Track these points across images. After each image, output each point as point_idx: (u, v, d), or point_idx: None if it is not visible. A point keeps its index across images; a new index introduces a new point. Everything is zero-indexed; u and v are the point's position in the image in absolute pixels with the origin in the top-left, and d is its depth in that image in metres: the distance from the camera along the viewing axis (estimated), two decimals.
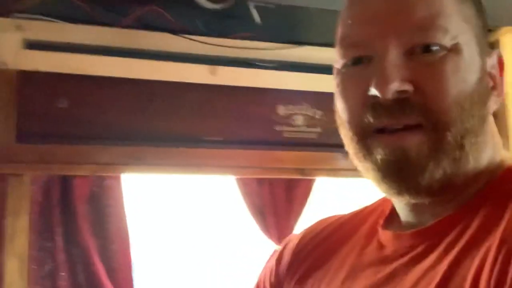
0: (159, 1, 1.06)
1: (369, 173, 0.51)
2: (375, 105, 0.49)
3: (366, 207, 0.64)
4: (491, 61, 0.53)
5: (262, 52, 1.14)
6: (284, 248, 0.74)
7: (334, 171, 1.13)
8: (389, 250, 0.57)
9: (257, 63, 1.15)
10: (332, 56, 0.80)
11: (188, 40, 1.08)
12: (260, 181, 1.25)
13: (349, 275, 0.61)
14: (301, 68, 1.17)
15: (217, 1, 1.08)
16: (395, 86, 0.47)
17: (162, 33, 1.07)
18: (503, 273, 0.41)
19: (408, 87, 0.48)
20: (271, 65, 1.16)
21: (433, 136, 0.48)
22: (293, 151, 1.13)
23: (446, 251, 0.49)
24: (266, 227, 1.27)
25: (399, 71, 0.48)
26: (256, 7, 1.10)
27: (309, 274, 0.68)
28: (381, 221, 0.60)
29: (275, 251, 0.81)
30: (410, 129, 0.48)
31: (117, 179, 1.14)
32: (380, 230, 0.59)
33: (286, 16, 1.16)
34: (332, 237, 0.67)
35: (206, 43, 1.09)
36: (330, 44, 1.28)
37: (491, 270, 0.42)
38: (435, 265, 0.50)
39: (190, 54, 1.08)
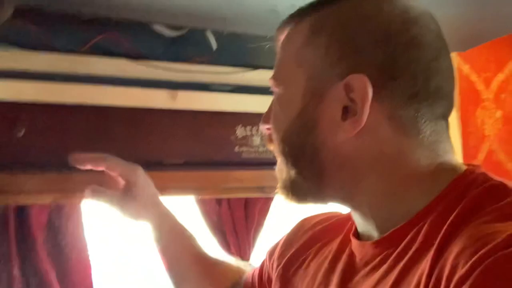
0: (117, 28, 1.07)
1: None
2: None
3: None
4: (351, 86, 0.54)
5: (219, 76, 1.18)
6: (277, 244, 0.82)
7: None
8: (357, 258, 0.62)
9: (214, 87, 1.19)
10: None
11: (146, 65, 1.10)
12: (219, 200, 1.28)
13: (323, 279, 0.66)
14: (256, 90, 1.22)
15: (174, 28, 1.11)
16: (261, 127, 0.68)
17: (120, 59, 1.08)
18: None
19: (266, 125, 0.66)
20: (228, 88, 1.20)
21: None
22: (252, 170, 1.17)
23: (396, 262, 0.54)
24: (226, 245, 1.29)
25: (266, 113, 0.67)
26: (213, 34, 1.14)
27: (293, 266, 0.75)
28: (353, 228, 0.65)
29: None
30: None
31: (76, 206, 1.13)
32: (351, 237, 0.64)
33: (240, 41, 1.21)
34: (320, 236, 0.74)
35: (165, 68, 1.11)
36: None
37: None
38: (385, 276, 0.55)
39: (149, 79, 1.10)
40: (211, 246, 1.20)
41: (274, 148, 0.65)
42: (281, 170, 0.63)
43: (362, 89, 0.53)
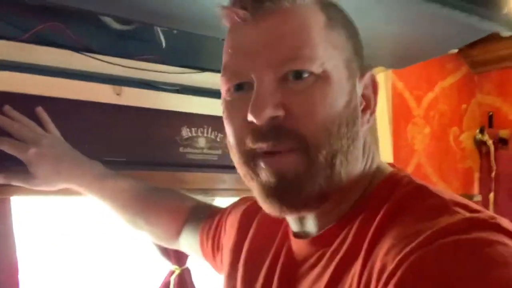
0: (62, 18, 1.02)
1: (256, 193, 0.58)
2: (253, 130, 0.54)
3: None
4: (364, 82, 0.59)
5: (167, 75, 1.16)
6: (234, 208, 0.85)
7: (234, 191, 1.19)
8: (295, 255, 0.64)
9: (161, 86, 1.17)
10: None
11: (92, 58, 1.06)
12: None
13: (266, 275, 0.66)
14: (203, 93, 1.21)
15: (124, 22, 1.08)
16: (268, 112, 0.52)
17: (64, 50, 1.03)
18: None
19: (280, 112, 0.53)
20: (174, 88, 1.19)
21: (305, 158, 0.54)
22: (196, 172, 1.16)
23: (330, 260, 0.56)
24: (164, 249, 1.27)
25: (272, 97, 0.53)
26: (163, 31, 1.12)
27: (239, 249, 0.75)
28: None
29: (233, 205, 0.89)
30: (285, 152, 0.54)
31: (6, 202, 1.06)
32: (290, 234, 0.65)
33: (190, 42, 1.20)
34: (263, 222, 0.74)
35: (110, 62, 1.08)
36: None
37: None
38: (321, 274, 0.57)
39: (95, 73, 1.06)
40: (149, 248, 1.17)
41: (285, 143, 0.54)
42: (297, 166, 0.54)
43: (375, 86, 0.59)
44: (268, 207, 0.57)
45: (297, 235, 0.64)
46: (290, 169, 0.54)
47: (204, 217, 0.93)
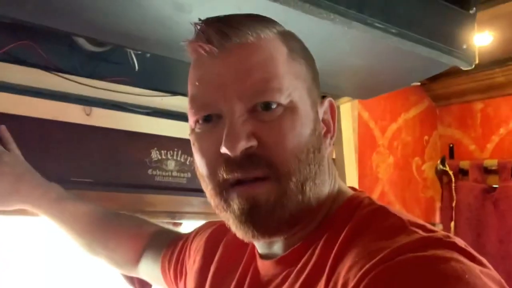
0: (34, 37, 1.02)
1: (229, 222, 0.59)
2: (227, 161, 0.56)
3: None
4: (324, 107, 0.63)
5: (138, 97, 1.16)
6: (198, 232, 0.85)
7: (202, 215, 1.19)
8: (261, 276, 0.65)
9: (131, 108, 1.17)
10: None
11: (63, 78, 1.06)
12: None
13: None
14: (174, 116, 1.22)
15: (98, 44, 1.09)
16: (242, 144, 0.54)
17: (34, 69, 1.03)
18: None
19: (253, 143, 0.55)
20: (145, 111, 1.19)
21: (277, 185, 0.56)
22: (164, 195, 1.16)
23: (296, 279, 0.58)
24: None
25: (244, 129, 0.55)
26: (135, 54, 1.14)
27: (205, 269, 0.75)
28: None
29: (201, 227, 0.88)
30: (259, 180, 0.56)
31: None
32: (256, 255, 0.67)
33: (163, 66, 1.21)
34: (232, 243, 0.74)
35: (81, 83, 1.08)
36: None
37: None
38: None
39: (65, 92, 1.06)
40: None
41: (260, 172, 0.56)
42: (268, 193, 0.56)
43: (334, 111, 0.62)
44: (241, 234, 0.58)
45: (263, 256, 0.65)
46: (263, 196, 0.56)
47: (166, 243, 0.92)
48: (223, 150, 0.55)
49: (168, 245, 0.91)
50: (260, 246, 0.66)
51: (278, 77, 0.57)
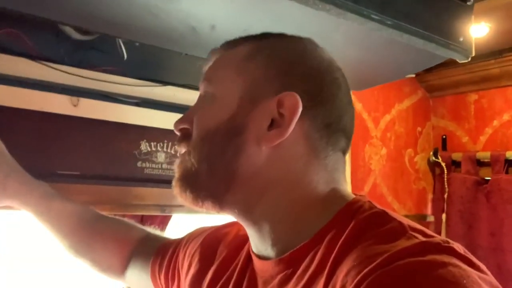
0: (19, 25, 0.99)
1: None
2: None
3: None
4: (279, 101, 0.61)
5: (126, 87, 1.14)
6: (191, 238, 0.84)
7: (192, 208, 1.17)
8: (258, 276, 0.64)
9: (120, 98, 1.14)
10: (192, 97, 0.88)
11: (49, 68, 1.03)
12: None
13: None
14: (164, 106, 1.20)
15: (85, 32, 1.06)
16: (176, 125, 0.67)
17: (19, 58, 1.00)
18: None
19: (184, 125, 0.66)
20: (134, 101, 1.17)
21: (187, 158, 0.63)
22: (154, 187, 1.14)
23: (297, 283, 0.57)
24: None
25: (187, 113, 0.66)
26: (124, 43, 1.11)
27: (203, 272, 0.74)
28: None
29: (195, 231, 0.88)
30: (182, 155, 0.65)
31: None
32: (252, 255, 0.66)
33: (152, 55, 1.18)
34: (229, 247, 0.74)
35: (68, 73, 1.05)
36: (191, 86, 1.35)
37: None
38: None
39: (51, 82, 1.03)
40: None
41: (184, 146, 0.65)
42: (186, 163, 0.63)
43: (293, 105, 0.60)
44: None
45: (259, 256, 0.65)
46: (180, 168, 0.65)
47: (155, 248, 0.90)
48: None
49: (157, 251, 0.90)
50: (253, 244, 0.66)
51: (215, 69, 0.67)
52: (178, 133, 0.67)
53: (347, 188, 0.66)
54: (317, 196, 0.61)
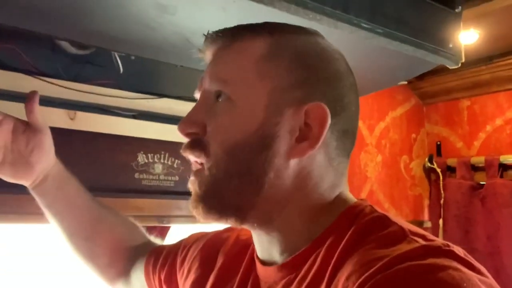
0: (16, 40, 1.00)
1: None
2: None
3: None
4: (306, 111, 0.58)
5: (123, 100, 1.15)
6: (189, 242, 0.84)
7: (191, 218, 1.17)
8: (262, 282, 0.64)
9: (117, 111, 1.16)
10: (188, 109, 0.89)
11: (45, 82, 1.04)
12: None
13: None
14: (160, 118, 1.21)
15: (81, 47, 1.08)
16: (182, 127, 0.60)
17: (16, 73, 1.01)
18: None
19: (193, 129, 0.59)
20: (130, 114, 1.18)
21: (206, 175, 0.58)
22: (152, 199, 1.15)
23: (301, 283, 0.58)
24: None
25: (194, 114, 0.60)
26: (120, 56, 1.12)
27: (204, 275, 0.74)
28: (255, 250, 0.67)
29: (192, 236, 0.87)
30: (198, 168, 0.60)
31: None
32: (256, 261, 0.66)
33: (148, 68, 1.20)
34: (230, 252, 0.73)
35: (65, 87, 1.06)
36: (187, 98, 1.37)
37: None
38: None
39: (48, 97, 1.04)
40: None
41: (197, 157, 0.59)
42: (206, 179, 0.58)
43: (321, 116, 0.58)
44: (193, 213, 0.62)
45: (263, 262, 0.65)
46: (194, 185, 0.60)
47: (149, 250, 0.91)
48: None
49: (150, 253, 0.90)
50: (259, 250, 0.66)
51: (230, 68, 0.60)
52: (184, 137, 0.61)
53: (348, 191, 0.65)
54: (326, 202, 0.61)
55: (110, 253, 0.93)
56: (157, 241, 0.98)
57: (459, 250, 0.50)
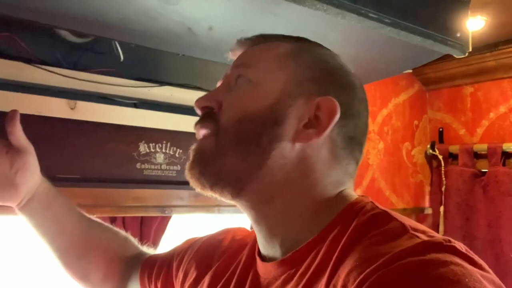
0: (15, 29, 0.98)
1: None
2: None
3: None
4: (318, 104, 0.62)
5: (124, 89, 1.13)
6: (184, 248, 0.84)
7: (193, 208, 1.17)
8: (262, 278, 0.65)
9: (117, 100, 1.14)
10: (190, 97, 0.87)
11: (45, 71, 1.02)
12: (112, 218, 1.22)
13: None
14: (161, 107, 1.20)
15: (80, 35, 1.05)
16: (201, 102, 0.65)
17: (15, 62, 0.99)
18: None
19: (210, 103, 0.64)
20: (132, 102, 1.16)
21: (215, 139, 0.62)
22: (153, 189, 1.14)
23: (298, 282, 0.58)
24: None
25: (212, 93, 0.65)
26: (120, 44, 1.10)
27: (201, 277, 0.73)
28: (257, 247, 0.67)
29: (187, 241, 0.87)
30: (206, 135, 0.63)
31: None
32: (256, 257, 0.66)
33: (148, 55, 1.18)
34: (226, 252, 0.74)
35: (65, 75, 1.04)
36: (189, 86, 1.35)
37: None
38: None
39: (48, 86, 1.02)
40: None
41: (206, 127, 0.63)
42: (210, 144, 0.61)
43: (331, 110, 0.61)
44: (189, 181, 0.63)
45: (264, 258, 0.65)
46: (200, 148, 0.62)
47: (143, 261, 0.90)
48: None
49: (144, 262, 0.89)
50: (262, 246, 0.66)
51: (254, 57, 0.65)
52: (199, 111, 0.65)
53: (352, 190, 0.66)
54: (327, 197, 0.62)
55: (104, 269, 0.91)
56: (149, 250, 0.97)
57: (460, 246, 0.50)
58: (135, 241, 0.97)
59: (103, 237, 0.93)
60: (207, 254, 0.78)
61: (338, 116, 0.61)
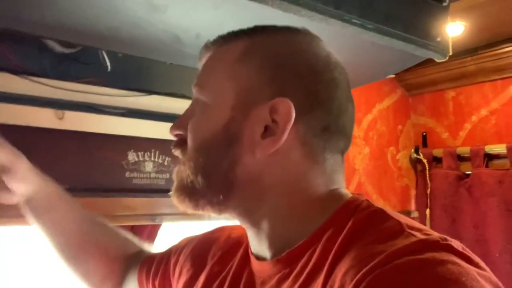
0: (2, 40, 0.98)
1: None
2: None
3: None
4: (272, 107, 0.59)
5: (112, 98, 1.14)
6: (179, 247, 0.84)
7: (183, 216, 1.17)
8: (256, 277, 0.65)
9: (105, 109, 1.14)
10: (178, 106, 0.88)
11: (33, 82, 1.02)
12: None
13: None
14: (150, 116, 1.20)
15: (67, 45, 1.06)
16: (171, 130, 0.66)
17: (3, 73, 0.99)
18: None
19: (179, 131, 0.65)
20: (120, 111, 1.16)
21: (182, 168, 0.63)
22: (143, 197, 1.14)
23: (294, 282, 0.58)
24: None
25: (181, 119, 0.65)
26: (107, 54, 1.10)
27: (196, 276, 0.74)
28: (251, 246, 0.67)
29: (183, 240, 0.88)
30: (180, 162, 0.64)
31: None
32: (251, 256, 0.66)
33: (136, 65, 1.18)
34: (221, 250, 0.74)
35: (52, 86, 1.04)
36: (176, 95, 1.35)
37: None
38: None
39: (36, 96, 1.02)
40: None
41: (180, 154, 0.64)
42: (183, 173, 0.62)
43: (286, 112, 0.58)
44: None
45: (258, 257, 0.65)
46: (177, 178, 0.64)
47: (141, 259, 0.90)
48: None
49: (143, 262, 0.89)
50: (252, 245, 0.66)
51: (206, 74, 0.65)
52: (174, 138, 0.67)
53: (345, 188, 0.65)
54: (316, 199, 0.61)
55: (104, 268, 0.92)
56: (150, 248, 0.97)
57: (457, 244, 0.50)
58: (136, 240, 0.97)
59: (103, 237, 0.94)
60: (203, 252, 0.77)
61: (293, 116, 0.58)
